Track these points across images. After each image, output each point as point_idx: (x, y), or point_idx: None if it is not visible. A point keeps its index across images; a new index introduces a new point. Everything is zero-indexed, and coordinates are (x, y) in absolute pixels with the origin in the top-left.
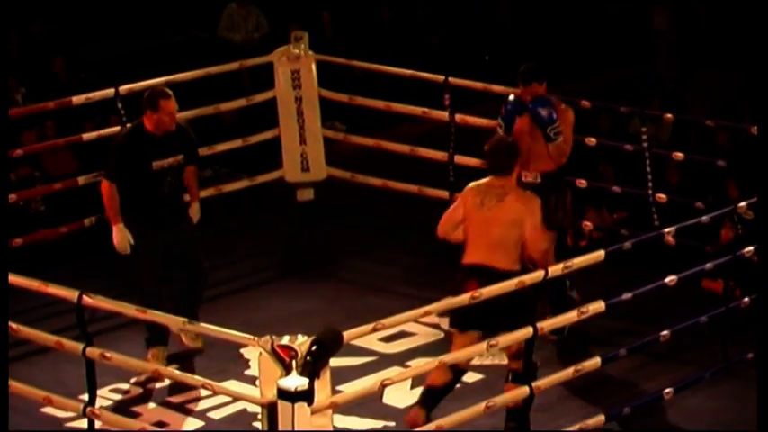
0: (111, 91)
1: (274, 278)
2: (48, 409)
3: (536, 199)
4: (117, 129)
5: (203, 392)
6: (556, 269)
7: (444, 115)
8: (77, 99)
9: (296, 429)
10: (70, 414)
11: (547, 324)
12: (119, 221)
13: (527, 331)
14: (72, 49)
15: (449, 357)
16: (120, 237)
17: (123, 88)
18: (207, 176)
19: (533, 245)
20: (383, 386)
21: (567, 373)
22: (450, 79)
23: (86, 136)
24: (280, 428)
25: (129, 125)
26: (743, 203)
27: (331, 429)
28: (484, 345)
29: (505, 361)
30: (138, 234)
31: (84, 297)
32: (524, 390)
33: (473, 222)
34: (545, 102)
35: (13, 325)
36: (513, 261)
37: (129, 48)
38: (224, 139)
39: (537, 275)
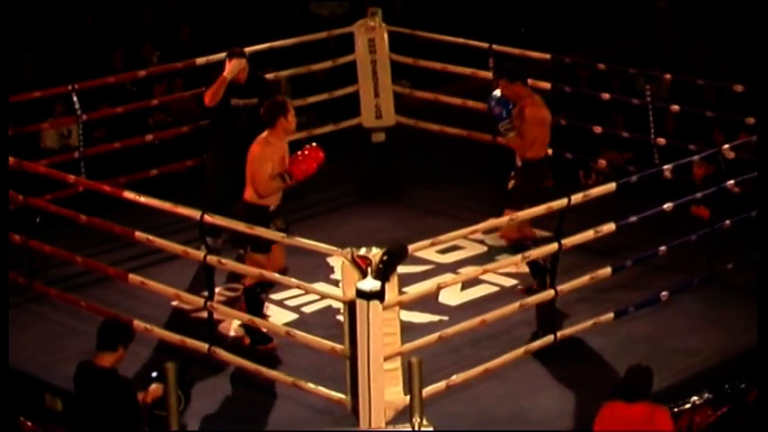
0: (225, 54)
1: (353, 202)
2: (176, 303)
3: (256, 148)
4: None
5: (297, 291)
6: (577, 197)
7: (489, 75)
8: (200, 60)
9: (370, 321)
10: (194, 307)
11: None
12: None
13: (552, 246)
14: (195, 20)
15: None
16: (231, 66)
17: None
18: (301, 122)
19: (253, 183)
20: (439, 288)
21: (584, 279)
22: (493, 46)
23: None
24: (357, 321)
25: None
26: (726, 146)
27: (398, 322)
28: (519, 257)
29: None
30: (215, 155)
31: (205, 216)
32: (550, 292)
33: None
34: (500, 100)
35: (150, 237)
36: (251, 194)
37: (239, 19)
38: (315, 92)
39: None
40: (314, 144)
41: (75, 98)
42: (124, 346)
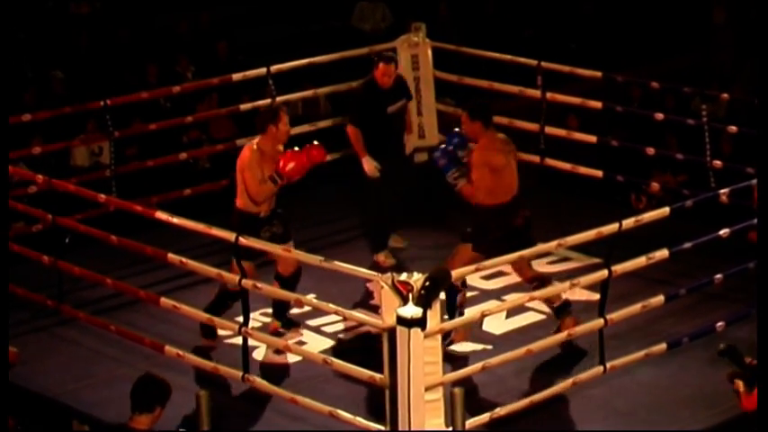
0: (263, 70)
1: (394, 226)
2: None
3: (245, 155)
4: (268, 101)
5: (335, 317)
6: (628, 222)
7: (537, 93)
8: (236, 76)
9: (411, 350)
10: (228, 332)
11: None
12: (365, 154)
13: (602, 273)
14: (231, 34)
15: None
16: (369, 165)
17: (274, 68)
18: None
19: (247, 190)
20: (483, 316)
21: (636, 308)
22: (542, 63)
23: (243, 106)
24: (398, 349)
25: (362, 81)
26: None
27: (439, 350)
28: (568, 284)
29: (585, 296)
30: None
31: (240, 238)
32: (599, 321)
33: None
34: (444, 152)
35: (183, 259)
36: (242, 202)
37: (277, 34)
38: None
39: None
40: (316, 142)
41: (107, 114)
42: (161, 405)
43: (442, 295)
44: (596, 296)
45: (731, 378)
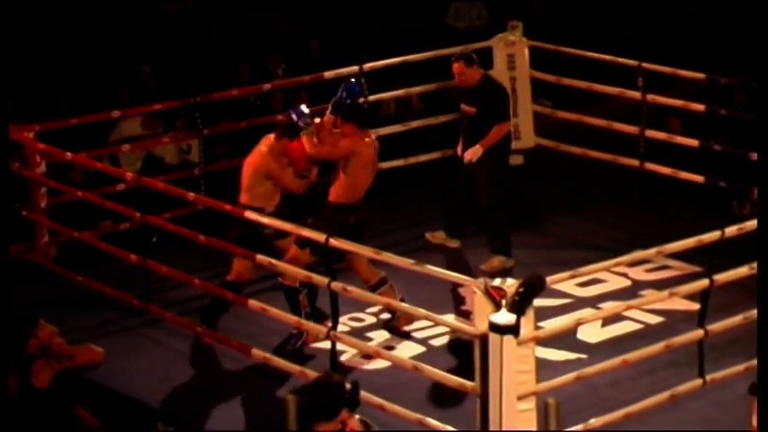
0: (355, 68)
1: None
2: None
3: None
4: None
5: (425, 323)
6: (731, 230)
7: (637, 95)
8: (329, 74)
9: (503, 357)
10: (317, 336)
11: None
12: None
13: (703, 283)
14: (323, 32)
15: None
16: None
17: (366, 66)
18: (433, 142)
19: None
20: (578, 324)
21: (737, 319)
22: (643, 64)
23: None
24: (490, 356)
25: None
26: None
27: (533, 359)
28: (666, 293)
29: (683, 306)
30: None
31: (331, 240)
32: (699, 332)
33: None
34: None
35: (271, 260)
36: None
37: (370, 31)
38: (450, 111)
39: None
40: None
41: (196, 112)
42: (349, 408)
43: (537, 301)
44: (696, 306)
45: (752, 389)
